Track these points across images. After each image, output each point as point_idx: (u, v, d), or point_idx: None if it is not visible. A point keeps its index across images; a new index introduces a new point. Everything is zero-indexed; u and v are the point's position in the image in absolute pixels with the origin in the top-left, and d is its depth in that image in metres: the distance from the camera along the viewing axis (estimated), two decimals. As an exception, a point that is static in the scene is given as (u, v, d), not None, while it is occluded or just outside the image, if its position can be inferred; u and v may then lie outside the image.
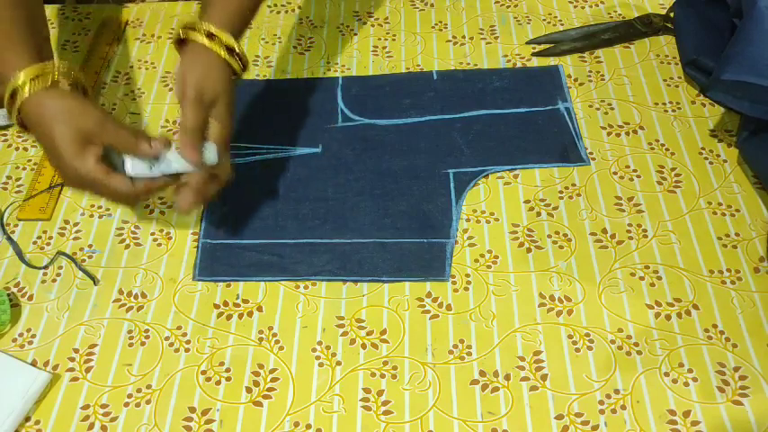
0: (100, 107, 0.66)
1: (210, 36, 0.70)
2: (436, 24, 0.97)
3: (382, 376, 0.64)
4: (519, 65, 0.91)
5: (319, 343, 0.67)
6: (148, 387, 0.64)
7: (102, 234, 0.76)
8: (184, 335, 0.68)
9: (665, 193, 0.77)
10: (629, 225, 0.74)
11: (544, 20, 0.97)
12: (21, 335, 0.68)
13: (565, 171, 0.79)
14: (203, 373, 0.65)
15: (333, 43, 0.96)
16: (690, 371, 0.64)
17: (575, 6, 0.99)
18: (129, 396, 0.64)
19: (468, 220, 0.75)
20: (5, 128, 0.86)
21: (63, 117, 0.64)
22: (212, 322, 0.69)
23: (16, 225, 0.77)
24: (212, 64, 0.70)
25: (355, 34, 0.97)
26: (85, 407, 0.63)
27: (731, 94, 0.75)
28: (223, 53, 0.70)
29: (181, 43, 0.72)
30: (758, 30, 0.73)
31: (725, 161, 0.79)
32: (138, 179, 0.66)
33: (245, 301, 0.70)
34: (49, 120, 0.64)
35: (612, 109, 0.85)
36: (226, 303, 0.70)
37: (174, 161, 0.67)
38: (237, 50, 0.71)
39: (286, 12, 1.01)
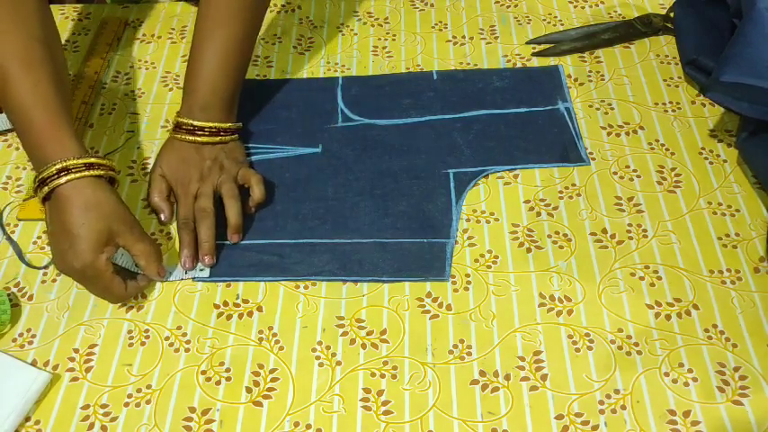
0: (130, 211, 0.70)
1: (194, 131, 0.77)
2: (436, 24, 0.97)
3: (382, 376, 0.64)
4: (519, 65, 0.91)
5: (319, 343, 0.67)
6: (148, 387, 0.64)
7: (102, 234, 0.76)
8: (184, 335, 0.68)
9: (665, 193, 0.77)
10: (629, 225, 0.74)
11: (544, 20, 0.97)
12: (21, 335, 0.68)
13: (565, 171, 0.79)
14: (203, 373, 0.65)
15: (333, 43, 0.96)
16: (690, 371, 0.64)
17: (575, 6, 0.99)
18: (129, 396, 0.64)
19: (468, 220, 0.75)
20: (5, 132, 0.86)
21: (99, 210, 0.66)
22: (212, 322, 0.69)
23: (16, 225, 0.77)
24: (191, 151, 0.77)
25: (355, 34, 0.97)
26: (85, 407, 0.63)
27: (730, 95, 0.75)
28: (205, 139, 0.77)
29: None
30: (757, 31, 0.73)
31: (725, 161, 0.79)
32: (130, 282, 0.69)
33: (245, 301, 0.70)
34: (83, 207, 0.66)
35: (612, 109, 0.85)
36: (226, 303, 0.70)
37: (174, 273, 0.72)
38: (221, 127, 0.78)
39: (286, 12, 1.01)
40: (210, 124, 0.77)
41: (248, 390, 0.64)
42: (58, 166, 0.67)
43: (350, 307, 0.69)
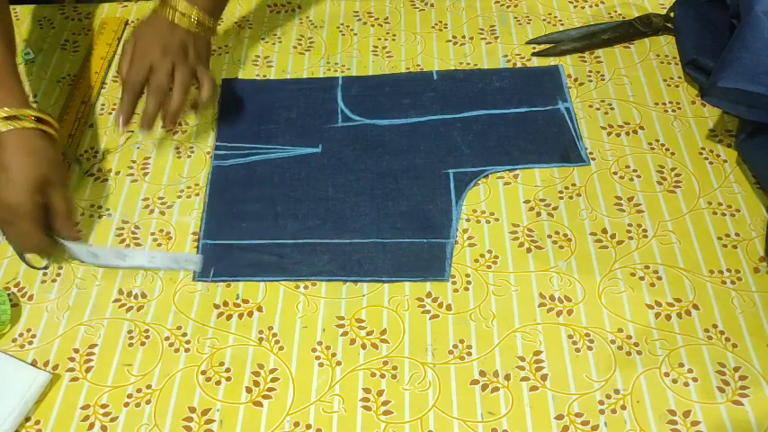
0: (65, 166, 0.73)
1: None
2: (436, 24, 0.97)
3: (382, 376, 0.64)
4: (519, 65, 0.91)
5: (319, 343, 0.67)
6: (148, 387, 0.64)
7: (102, 234, 0.76)
8: (184, 335, 0.68)
9: (665, 193, 0.77)
10: (629, 225, 0.74)
11: (544, 20, 0.97)
12: (21, 335, 0.68)
13: (565, 171, 0.79)
14: (203, 373, 0.65)
15: (333, 43, 0.96)
16: (690, 371, 0.64)
17: (575, 6, 0.99)
18: (129, 396, 0.64)
19: (468, 220, 0.75)
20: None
21: (42, 156, 0.69)
22: (212, 322, 0.69)
23: (16, 225, 0.77)
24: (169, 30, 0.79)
25: (355, 34, 0.97)
26: (85, 407, 0.63)
27: (728, 99, 0.75)
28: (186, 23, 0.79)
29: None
30: (754, 35, 0.73)
31: (725, 161, 0.79)
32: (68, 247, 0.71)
33: (245, 301, 0.70)
34: (29, 151, 0.68)
35: (612, 109, 0.85)
36: (226, 303, 0.70)
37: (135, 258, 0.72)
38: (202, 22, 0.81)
39: (286, 12, 1.01)
40: (194, 12, 0.79)
41: (248, 390, 0.64)
42: (9, 112, 0.69)
43: (350, 307, 0.69)
